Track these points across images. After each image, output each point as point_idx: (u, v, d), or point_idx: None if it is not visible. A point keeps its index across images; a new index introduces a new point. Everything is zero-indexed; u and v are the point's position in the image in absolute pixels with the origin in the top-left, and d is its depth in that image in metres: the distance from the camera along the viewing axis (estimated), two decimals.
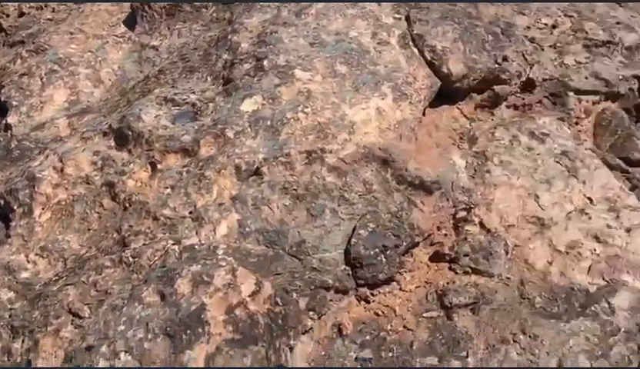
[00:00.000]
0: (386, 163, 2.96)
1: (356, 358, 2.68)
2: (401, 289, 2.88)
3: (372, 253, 2.81)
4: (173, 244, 2.75)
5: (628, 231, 3.00)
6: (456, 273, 2.95)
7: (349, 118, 3.01)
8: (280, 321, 2.58)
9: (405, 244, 2.87)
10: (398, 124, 3.06)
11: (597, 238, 2.98)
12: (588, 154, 3.30)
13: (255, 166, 2.90)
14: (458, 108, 3.43)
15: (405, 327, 2.77)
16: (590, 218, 3.04)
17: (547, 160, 3.24)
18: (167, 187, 2.94)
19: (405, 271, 2.93)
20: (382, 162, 2.96)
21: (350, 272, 2.80)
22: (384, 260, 2.83)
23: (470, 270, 2.95)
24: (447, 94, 3.41)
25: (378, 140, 2.99)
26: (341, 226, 2.86)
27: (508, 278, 2.92)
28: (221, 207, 2.84)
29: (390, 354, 2.69)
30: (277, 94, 3.08)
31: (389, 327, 2.78)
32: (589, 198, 3.14)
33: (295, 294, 2.65)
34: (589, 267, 2.92)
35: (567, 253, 2.96)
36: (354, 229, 2.85)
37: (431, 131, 3.23)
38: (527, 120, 3.40)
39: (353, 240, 2.82)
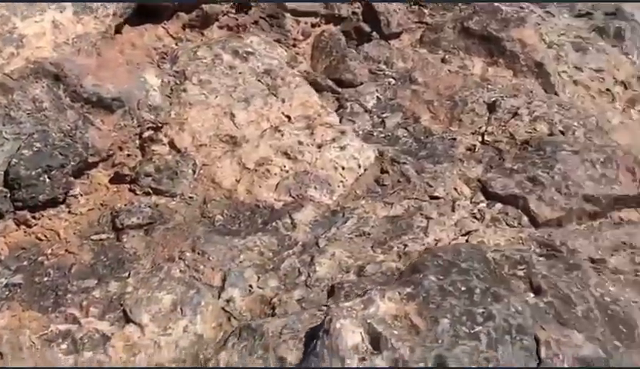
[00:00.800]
0: (59, 79, 2.73)
1: (6, 284, 2.47)
2: (70, 212, 2.70)
3: (34, 173, 2.60)
4: None
5: (319, 147, 2.94)
6: (136, 194, 2.80)
7: (19, 32, 2.77)
8: None
9: (72, 163, 2.67)
10: (77, 38, 2.84)
11: (287, 155, 2.91)
12: (291, 73, 3.22)
13: None
14: (164, 28, 3.25)
15: (67, 250, 2.59)
16: (283, 135, 2.96)
17: (248, 78, 3.13)
18: None
19: (80, 194, 2.75)
20: (55, 78, 2.73)
21: (8, 194, 2.58)
22: (47, 180, 2.63)
23: (151, 191, 2.81)
24: (153, 13, 3.21)
25: (52, 54, 2.76)
26: (4, 146, 2.62)
27: (191, 197, 2.81)
28: None
29: (45, 279, 2.50)
30: None
31: (49, 252, 2.59)
32: (287, 116, 3.06)
33: None
34: (277, 184, 2.84)
35: (256, 170, 2.87)
36: (18, 149, 2.62)
37: (125, 49, 3.04)
38: (233, 39, 3.27)
39: (14, 160, 2.60)
